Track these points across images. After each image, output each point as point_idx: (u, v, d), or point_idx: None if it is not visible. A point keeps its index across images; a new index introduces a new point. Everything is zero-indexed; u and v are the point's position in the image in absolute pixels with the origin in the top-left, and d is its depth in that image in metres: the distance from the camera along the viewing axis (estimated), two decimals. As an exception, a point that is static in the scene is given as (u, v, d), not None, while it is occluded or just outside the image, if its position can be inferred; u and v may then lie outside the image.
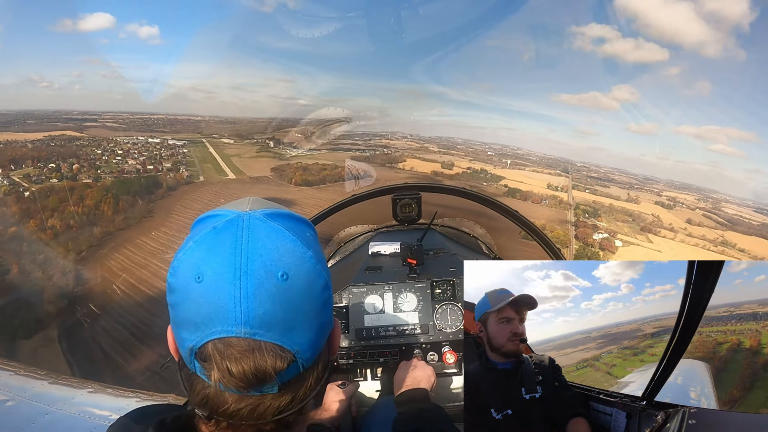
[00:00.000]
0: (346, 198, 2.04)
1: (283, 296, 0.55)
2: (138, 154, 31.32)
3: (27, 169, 27.40)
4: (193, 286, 0.55)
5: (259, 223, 0.58)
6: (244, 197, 0.66)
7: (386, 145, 31.29)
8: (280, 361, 0.54)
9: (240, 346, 0.54)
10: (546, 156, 32.22)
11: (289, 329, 0.55)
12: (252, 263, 0.54)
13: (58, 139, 31.73)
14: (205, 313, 0.54)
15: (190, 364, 0.58)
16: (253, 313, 0.53)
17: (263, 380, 0.54)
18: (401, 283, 1.64)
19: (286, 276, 0.55)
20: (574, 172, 30.18)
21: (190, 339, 0.56)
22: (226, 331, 0.53)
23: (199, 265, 0.56)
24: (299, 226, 0.62)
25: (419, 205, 1.98)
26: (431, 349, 1.55)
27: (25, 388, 1.46)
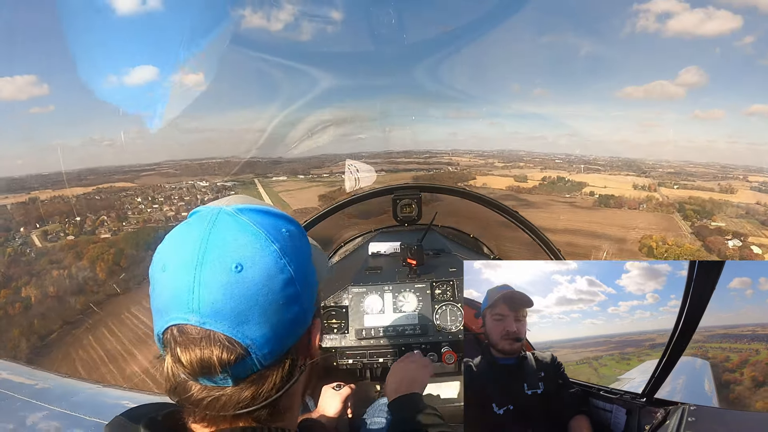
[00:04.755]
0: (346, 198, 2.05)
1: (235, 288, 0.55)
2: (178, 200, 28.62)
3: (52, 225, 24.98)
4: (159, 275, 0.58)
5: (226, 217, 0.59)
6: (231, 195, 0.68)
7: (450, 162, 29.71)
8: (227, 353, 0.54)
9: (191, 334, 0.55)
10: (614, 158, 29.99)
11: (241, 322, 0.55)
12: (209, 254, 0.55)
13: (106, 191, 29.58)
14: (165, 300, 0.57)
15: (161, 351, 0.60)
16: (204, 302, 0.54)
17: (209, 370, 0.55)
18: (401, 283, 1.65)
19: (240, 267, 0.55)
20: (648, 170, 28.05)
21: (157, 325, 0.59)
22: (180, 318, 0.55)
23: (165, 256, 0.58)
24: (273, 222, 0.61)
25: (419, 205, 1.98)
26: (431, 349, 1.55)
27: (23, 387, 1.46)
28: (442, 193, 2.19)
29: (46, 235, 23.47)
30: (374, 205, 2.23)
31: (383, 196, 2.04)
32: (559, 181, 26.91)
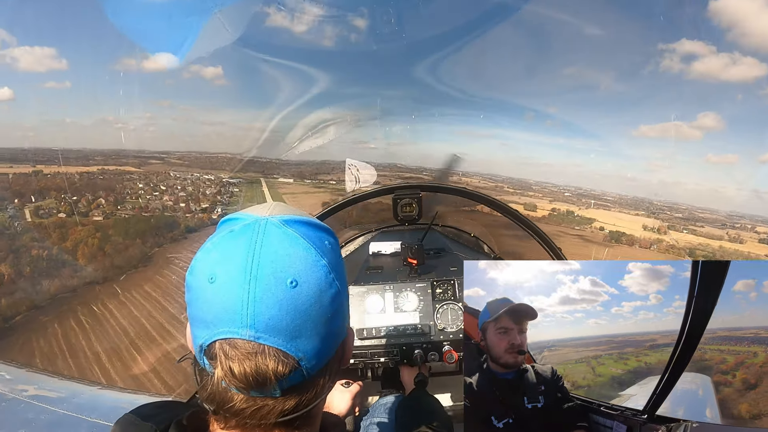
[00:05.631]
0: (346, 198, 2.04)
1: (291, 303, 0.55)
2: (180, 191, 27.67)
3: (47, 201, 23.83)
4: (206, 286, 0.57)
5: (274, 229, 0.59)
6: (269, 202, 0.67)
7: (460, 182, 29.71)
8: (282, 366, 0.55)
9: (244, 349, 0.55)
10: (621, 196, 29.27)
11: (295, 336, 0.56)
12: (262, 268, 0.55)
13: (110, 173, 28.38)
14: (215, 313, 0.56)
15: (200, 360, 0.60)
16: (260, 318, 0.54)
17: (263, 383, 0.55)
18: (402, 283, 1.64)
19: (295, 283, 0.56)
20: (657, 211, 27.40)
21: (201, 336, 0.58)
22: (233, 332, 0.55)
23: (213, 266, 0.57)
24: (317, 234, 0.62)
25: (420, 204, 1.98)
26: (432, 348, 1.55)
27: (25, 388, 1.46)
28: (443, 192, 2.18)
29: (39, 211, 22.50)
30: (375, 205, 2.23)
31: (384, 195, 2.03)
32: (568, 214, 26.83)
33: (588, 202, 27.81)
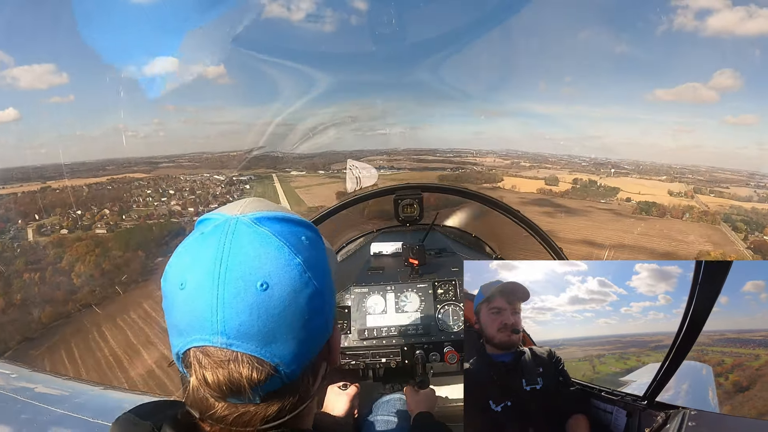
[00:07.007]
0: (347, 198, 2.04)
1: (262, 307, 0.53)
2: (189, 194, 26.96)
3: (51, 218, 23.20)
4: (177, 292, 0.55)
5: (244, 228, 0.56)
6: (245, 199, 0.64)
7: (475, 163, 28.27)
8: (257, 373, 0.53)
9: (217, 356, 0.53)
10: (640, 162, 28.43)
11: (269, 341, 0.54)
12: (231, 272, 0.53)
13: (119, 182, 27.99)
14: (187, 321, 0.54)
15: (180, 368, 0.59)
16: (230, 324, 0.52)
17: (238, 391, 0.54)
18: (403, 283, 1.64)
19: (266, 285, 0.53)
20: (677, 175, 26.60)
21: (176, 345, 0.57)
22: (205, 340, 0.53)
23: (183, 272, 0.56)
24: (292, 230, 0.59)
25: (421, 205, 1.98)
26: (433, 349, 1.54)
27: (25, 388, 1.46)
28: (444, 192, 2.18)
29: (41, 229, 22.02)
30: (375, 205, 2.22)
31: (385, 196, 2.03)
32: (591, 185, 25.44)
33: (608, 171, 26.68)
